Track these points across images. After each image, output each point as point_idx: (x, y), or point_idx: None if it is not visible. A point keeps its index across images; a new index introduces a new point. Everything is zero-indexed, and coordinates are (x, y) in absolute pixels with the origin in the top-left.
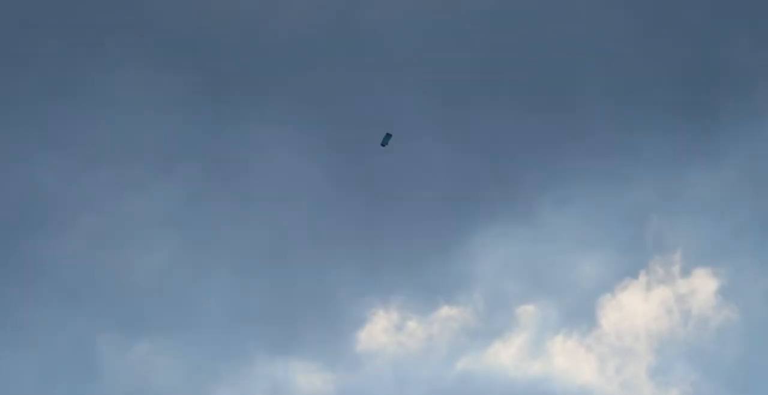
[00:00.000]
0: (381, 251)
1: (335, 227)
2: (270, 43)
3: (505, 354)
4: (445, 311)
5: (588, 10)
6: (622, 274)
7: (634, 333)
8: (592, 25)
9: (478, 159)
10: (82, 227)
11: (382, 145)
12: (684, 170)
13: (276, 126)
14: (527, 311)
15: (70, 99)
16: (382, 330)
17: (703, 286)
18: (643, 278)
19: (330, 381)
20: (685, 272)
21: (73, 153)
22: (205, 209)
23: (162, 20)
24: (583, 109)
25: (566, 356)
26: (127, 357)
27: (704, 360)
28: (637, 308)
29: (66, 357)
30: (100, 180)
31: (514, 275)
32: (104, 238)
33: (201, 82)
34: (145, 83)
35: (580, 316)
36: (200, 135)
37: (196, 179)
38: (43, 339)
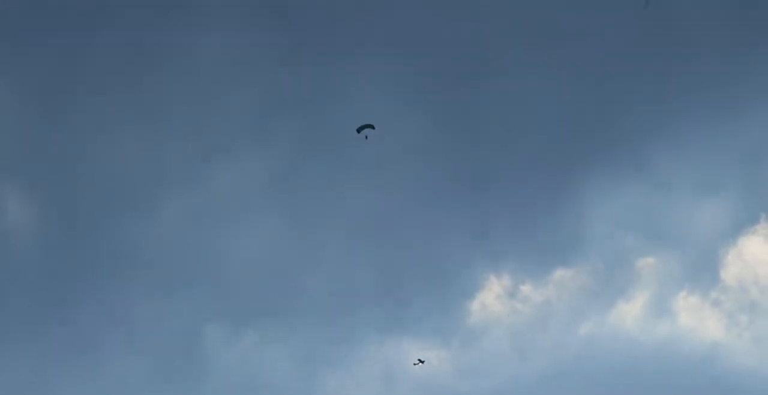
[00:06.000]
0: (488, 214)
1: (440, 189)
2: None
3: (629, 316)
4: (561, 272)
5: None
6: (742, 220)
7: (760, 283)
8: None
9: (583, 95)
10: (173, 207)
11: (358, 131)
12: None
13: (371, 77)
14: (648, 264)
15: (150, 67)
16: (496, 298)
17: None
18: (765, 222)
19: (445, 358)
20: None
21: (157, 124)
22: (304, 172)
23: None
24: (688, 34)
25: (691, 313)
26: (236, 348)
27: None
28: (760, 256)
29: (174, 352)
30: (188, 151)
31: (629, 229)
32: (198, 218)
33: (287, 40)
34: (231, 45)
35: (703, 269)
36: (291, 92)
37: (292, 139)
38: (148, 335)
